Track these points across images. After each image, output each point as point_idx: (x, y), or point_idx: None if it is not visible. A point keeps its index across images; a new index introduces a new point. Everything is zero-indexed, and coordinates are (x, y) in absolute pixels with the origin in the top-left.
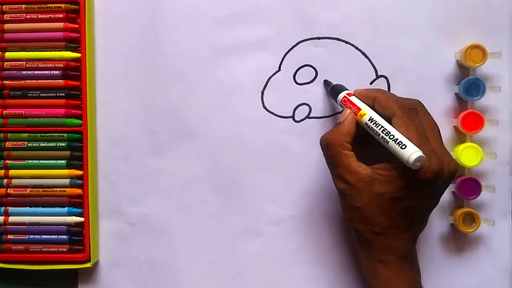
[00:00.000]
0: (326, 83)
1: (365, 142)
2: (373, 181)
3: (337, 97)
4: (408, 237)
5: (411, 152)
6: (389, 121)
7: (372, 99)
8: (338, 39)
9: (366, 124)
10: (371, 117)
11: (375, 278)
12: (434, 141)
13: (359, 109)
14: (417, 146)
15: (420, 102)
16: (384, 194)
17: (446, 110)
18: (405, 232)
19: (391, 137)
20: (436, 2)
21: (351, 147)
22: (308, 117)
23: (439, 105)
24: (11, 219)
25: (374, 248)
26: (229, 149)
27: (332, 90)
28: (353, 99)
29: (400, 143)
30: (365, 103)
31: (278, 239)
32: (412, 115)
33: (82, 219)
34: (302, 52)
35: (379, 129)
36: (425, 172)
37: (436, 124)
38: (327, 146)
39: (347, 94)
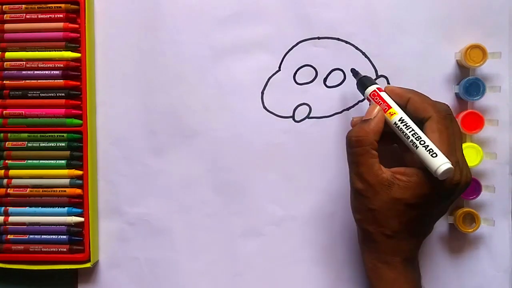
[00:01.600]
0: (355, 72)
1: (385, 141)
2: (392, 186)
3: (365, 90)
4: (416, 241)
5: (441, 162)
6: (418, 123)
7: (405, 99)
8: (338, 39)
9: (395, 124)
10: (401, 117)
11: (378, 279)
12: (458, 150)
13: (389, 107)
14: (445, 155)
15: (450, 108)
16: (401, 200)
17: None
18: (413, 237)
19: (422, 142)
20: (436, 2)
21: (377, 148)
22: (308, 117)
23: None
24: (11, 219)
25: (381, 250)
26: (229, 149)
27: (361, 82)
28: (384, 95)
29: (430, 150)
30: (395, 101)
31: (278, 239)
32: (447, 121)
33: (82, 219)
34: (302, 52)
35: (410, 132)
36: (447, 183)
37: (461, 132)
38: (358, 143)
39: (377, 88)
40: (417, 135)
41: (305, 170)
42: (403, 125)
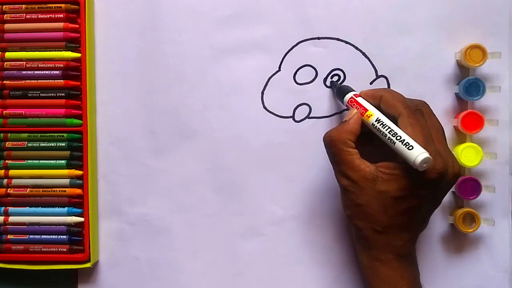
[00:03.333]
0: (333, 84)
1: (367, 140)
2: (376, 179)
3: (343, 98)
4: (408, 237)
5: (418, 153)
6: (394, 120)
7: (378, 98)
8: (338, 39)
9: (373, 125)
10: (378, 118)
11: (374, 277)
12: (438, 142)
13: (366, 110)
14: (422, 147)
15: (426, 103)
16: (386, 193)
17: (446, 110)
18: (406, 232)
19: (398, 138)
20: (436, 2)
21: (355, 145)
22: (308, 117)
23: (439, 105)
24: (11, 219)
25: (373, 246)
26: (229, 149)
27: (339, 91)
28: (360, 100)
29: (407, 144)
30: (371, 102)
31: (278, 239)
32: (417, 116)
33: (82, 219)
34: (302, 52)
35: (386, 130)
36: (430, 172)
37: (441, 125)
38: (330, 143)
39: (354, 95)
40: (393, 132)
41: (305, 170)
42: (380, 125)
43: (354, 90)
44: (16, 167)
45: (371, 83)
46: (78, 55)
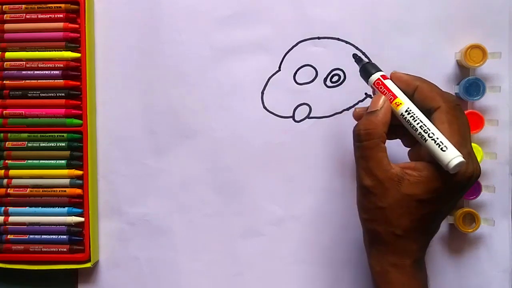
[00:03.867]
0: (357, 58)
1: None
2: (402, 181)
3: (368, 77)
4: (425, 241)
5: (453, 156)
6: (426, 114)
7: (413, 87)
8: (338, 39)
9: (402, 115)
10: (408, 108)
11: (387, 283)
12: (469, 142)
13: (395, 97)
14: (456, 147)
15: (458, 98)
16: (413, 196)
17: None
18: (424, 236)
19: (431, 135)
20: (436, 2)
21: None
22: (308, 117)
23: None
24: (11, 219)
25: (390, 251)
26: (229, 149)
27: (364, 69)
28: (389, 83)
29: (440, 143)
30: (402, 89)
31: (278, 239)
32: (457, 112)
33: (82, 219)
34: (302, 52)
35: (417, 124)
36: (461, 176)
37: (469, 124)
38: (367, 136)
39: (381, 76)
40: (425, 127)
41: (305, 170)
42: (410, 117)
43: (381, 70)
44: (16, 167)
45: None
46: (78, 55)
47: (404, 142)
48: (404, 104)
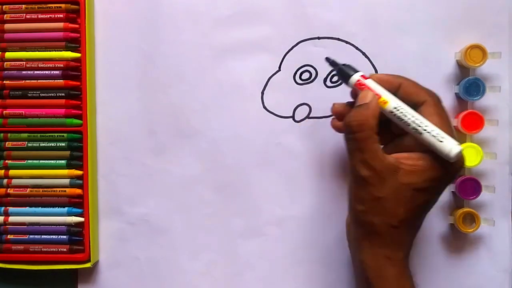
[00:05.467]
0: (332, 62)
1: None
2: (398, 170)
3: (348, 79)
4: (414, 235)
5: (452, 145)
6: (412, 108)
7: (396, 84)
8: (338, 39)
9: (391, 112)
10: (397, 104)
11: (381, 277)
12: (454, 133)
13: (379, 96)
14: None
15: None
16: (409, 185)
17: None
18: (415, 228)
19: (426, 128)
20: (436, 2)
21: None
22: (308, 117)
23: None
24: (11, 219)
25: (385, 243)
26: (229, 149)
27: (341, 71)
28: (370, 83)
29: (437, 135)
30: (385, 88)
31: (278, 239)
32: (442, 104)
33: (82, 219)
34: (302, 52)
35: (409, 119)
36: (454, 166)
37: None
38: (359, 127)
39: (361, 76)
40: (418, 121)
41: (305, 170)
42: (400, 113)
43: (359, 71)
44: (16, 167)
45: None
46: (78, 55)
47: (384, 138)
48: (391, 101)
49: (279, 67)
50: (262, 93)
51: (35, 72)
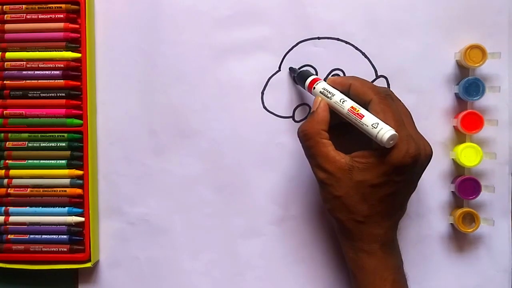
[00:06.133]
0: (292, 70)
1: (342, 131)
2: (352, 169)
3: (304, 83)
4: (389, 224)
5: (384, 131)
6: (365, 108)
7: (347, 86)
8: (338, 39)
9: (336, 103)
10: (341, 98)
11: (359, 268)
12: (409, 126)
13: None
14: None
15: (390, 90)
16: (364, 182)
17: (445, 110)
18: (386, 219)
19: (363, 118)
20: (436, 2)
21: (328, 136)
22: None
23: (439, 105)
24: (12, 219)
25: (356, 237)
26: (229, 149)
27: (299, 76)
28: (321, 83)
29: (372, 124)
30: (339, 90)
31: (278, 239)
32: (388, 101)
33: (82, 219)
34: (302, 52)
35: (346, 112)
36: (404, 157)
37: (408, 110)
38: (305, 137)
39: (313, 79)
40: (358, 112)
41: (305, 170)
42: (339, 106)
43: (313, 75)
44: (16, 167)
45: None
46: (78, 55)
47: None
48: (336, 95)
49: (279, 67)
50: (262, 93)
51: (36, 72)
